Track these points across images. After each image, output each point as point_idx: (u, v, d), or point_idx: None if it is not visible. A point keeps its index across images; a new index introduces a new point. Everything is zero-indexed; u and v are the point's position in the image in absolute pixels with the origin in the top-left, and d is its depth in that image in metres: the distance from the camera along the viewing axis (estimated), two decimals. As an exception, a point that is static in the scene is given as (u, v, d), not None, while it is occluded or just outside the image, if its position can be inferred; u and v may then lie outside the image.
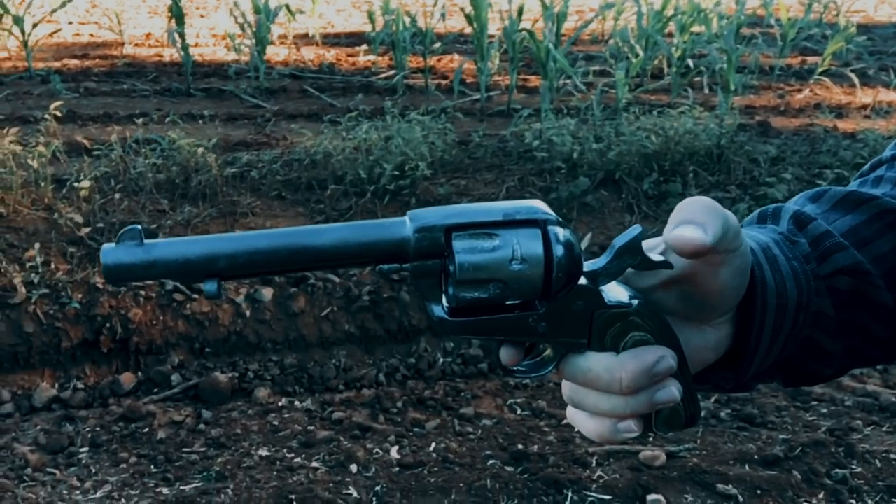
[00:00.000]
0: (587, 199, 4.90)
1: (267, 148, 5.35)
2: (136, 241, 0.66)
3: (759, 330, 0.73)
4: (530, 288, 0.69)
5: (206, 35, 9.39)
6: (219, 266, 0.66)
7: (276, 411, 3.72)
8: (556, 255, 0.69)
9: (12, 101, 6.46)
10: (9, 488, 3.10)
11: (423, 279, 0.69)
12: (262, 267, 0.68)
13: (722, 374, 0.79)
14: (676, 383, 0.72)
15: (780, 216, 0.80)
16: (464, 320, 0.70)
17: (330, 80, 7.34)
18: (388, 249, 0.68)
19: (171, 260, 0.66)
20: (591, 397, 0.72)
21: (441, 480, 3.15)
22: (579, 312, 0.71)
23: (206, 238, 0.67)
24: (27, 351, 3.93)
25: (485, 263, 0.68)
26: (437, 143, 5.01)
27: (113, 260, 0.65)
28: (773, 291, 0.73)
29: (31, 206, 4.28)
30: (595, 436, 0.73)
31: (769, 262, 0.74)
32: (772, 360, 0.77)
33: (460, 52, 8.31)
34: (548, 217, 0.70)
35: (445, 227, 0.68)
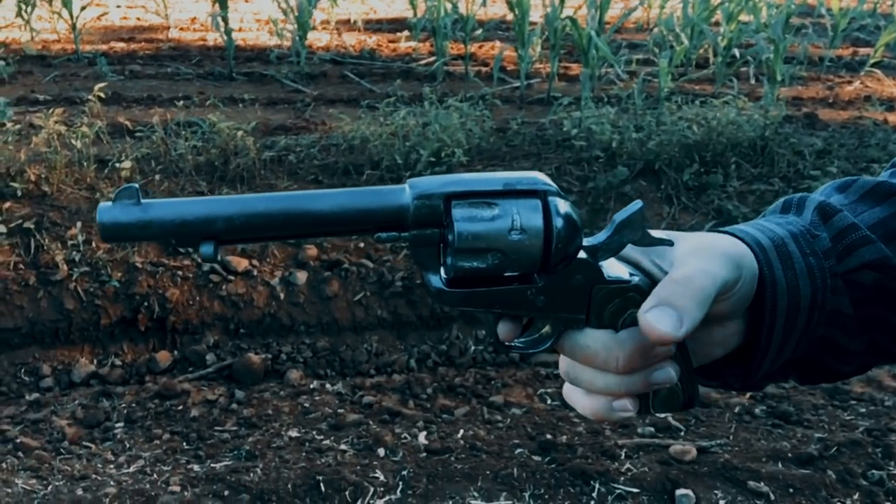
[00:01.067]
0: (625, 190, 4.84)
1: (306, 132, 5.38)
2: (134, 200, 0.66)
3: (769, 331, 0.72)
4: (529, 259, 0.68)
5: (249, 20, 9.46)
6: (215, 228, 0.66)
7: (307, 393, 3.75)
8: (556, 227, 0.68)
9: (60, 82, 6.59)
10: (46, 460, 3.19)
11: (422, 248, 0.69)
12: (259, 231, 0.68)
13: (731, 370, 0.76)
14: (674, 364, 0.71)
15: (805, 206, 0.77)
16: (462, 291, 0.69)
17: (370, 65, 7.35)
18: (386, 216, 0.68)
19: (168, 220, 0.66)
20: (588, 374, 0.71)
21: (468, 467, 3.15)
22: (578, 287, 0.70)
23: (204, 200, 0.67)
24: (67, 327, 4.03)
25: (484, 232, 0.67)
26: (475, 129, 4.99)
27: (109, 218, 0.65)
28: (784, 291, 0.71)
29: (73, 186, 4.37)
30: (590, 413, 0.72)
31: (782, 260, 0.71)
32: (784, 360, 0.75)
33: (502, 39, 8.25)
34: (548, 188, 0.69)
35: (445, 195, 0.67)
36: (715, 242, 0.71)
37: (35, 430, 3.43)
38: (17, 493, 2.94)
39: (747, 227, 0.75)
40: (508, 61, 7.32)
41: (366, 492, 2.99)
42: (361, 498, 2.98)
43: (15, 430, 3.40)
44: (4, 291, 3.99)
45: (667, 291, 0.67)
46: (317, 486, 3.00)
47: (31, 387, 3.84)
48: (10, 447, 3.27)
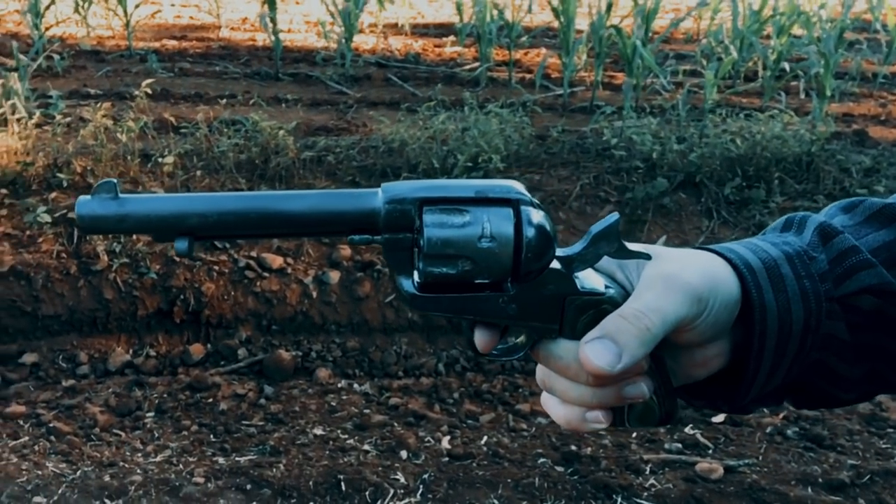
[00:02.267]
0: (664, 202, 4.78)
1: (347, 134, 5.42)
2: (111, 194, 0.67)
3: (757, 356, 0.70)
4: (499, 267, 0.68)
5: (299, 21, 9.58)
6: (189, 224, 0.67)
7: (334, 392, 3.78)
8: (527, 236, 0.67)
9: (111, 77, 6.75)
10: (77, 445, 3.26)
11: (395, 253, 0.69)
12: (233, 228, 0.69)
13: (718, 392, 0.75)
14: (647, 380, 0.70)
15: (805, 226, 0.75)
16: (433, 296, 0.69)
17: (414, 69, 7.39)
18: (358, 219, 0.68)
19: (143, 215, 0.67)
20: (561, 384, 0.71)
21: (489, 474, 3.14)
22: (550, 297, 0.70)
23: (180, 196, 0.69)
24: (105, 316, 4.12)
25: (453, 239, 0.67)
26: (513, 136, 4.98)
27: (87, 211, 0.67)
28: (775, 315, 0.69)
29: (118, 179, 4.46)
30: (563, 423, 0.72)
31: (773, 283, 0.69)
32: (776, 384, 0.73)
33: (547, 47, 8.22)
34: (521, 197, 0.69)
35: (416, 199, 0.68)
36: (685, 270, 0.69)
37: (69, 415, 3.52)
38: (46, 475, 3.01)
39: (740, 245, 0.73)
40: (553, 69, 7.29)
41: (385, 493, 3.00)
42: (381, 499, 2.99)
43: (49, 414, 3.49)
44: (47, 279, 4.09)
45: (612, 325, 0.67)
46: (338, 484, 3.02)
47: (67, 373, 3.93)
48: (43, 431, 3.35)
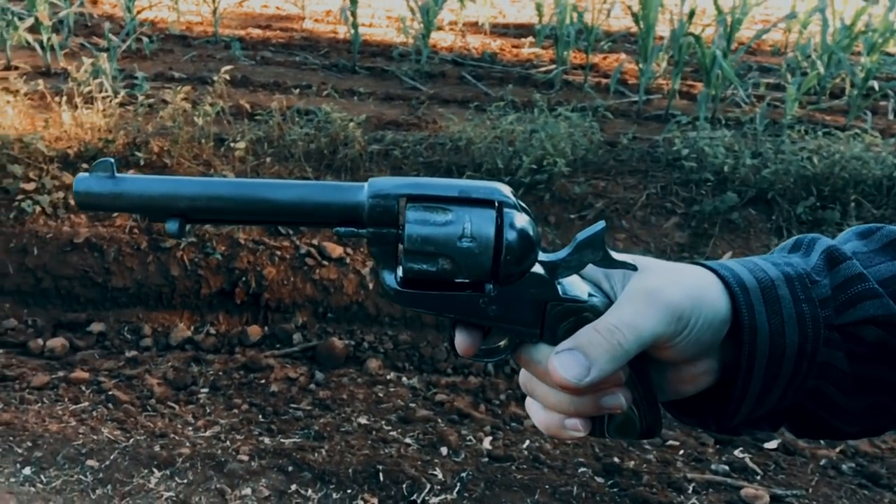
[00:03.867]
0: (732, 217, 4.66)
1: (416, 129, 5.47)
2: (108, 173, 0.70)
3: (745, 377, 0.68)
4: (478, 268, 0.68)
5: (381, 16, 9.69)
6: (179, 206, 0.70)
7: (383, 383, 3.83)
8: (507, 239, 0.68)
9: (196, 62, 6.97)
10: (133, 414, 3.39)
11: (379, 247, 0.70)
12: (221, 213, 0.71)
13: (708, 410, 0.73)
14: (625, 391, 0.69)
15: (814, 249, 0.73)
16: (414, 292, 0.70)
17: (490, 69, 7.39)
18: (342, 212, 0.70)
19: (136, 194, 0.70)
20: (541, 389, 0.71)
21: (528, 478, 3.13)
22: (531, 301, 0.70)
23: (173, 179, 0.71)
24: (171, 293, 4.27)
25: (433, 236, 0.68)
26: (581, 141, 4.93)
27: (84, 188, 0.70)
28: (766, 337, 0.67)
29: (192, 160, 4.62)
30: (543, 428, 0.72)
31: (767, 304, 0.68)
32: (769, 408, 0.71)
33: (627, 52, 8.10)
34: (505, 200, 0.69)
35: (399, 195, 0.69)
36: (668, 286, 0.67)
37: (128, 385, 3.66)
38: (101, 440, 3.14)
39: (737, 263, 0.71)
40: (630, 75, 7.18)
41: (423, 487, 3.02)
42: (418, 493, 3.01)
43: (110, 382, 3.64)
44: (118, 253, 4.26)
45: (585, 338, 0.67)
46: (376, 474, 3.06)
47: (131, 344, 4.09)
48: (102, 398, 3.50)
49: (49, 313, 4.23)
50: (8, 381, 3.63)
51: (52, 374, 3.69)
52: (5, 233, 4.28)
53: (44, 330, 4.13)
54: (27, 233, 4.28)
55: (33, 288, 4.23)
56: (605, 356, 0.65)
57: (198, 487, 2.98)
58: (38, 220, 4.34)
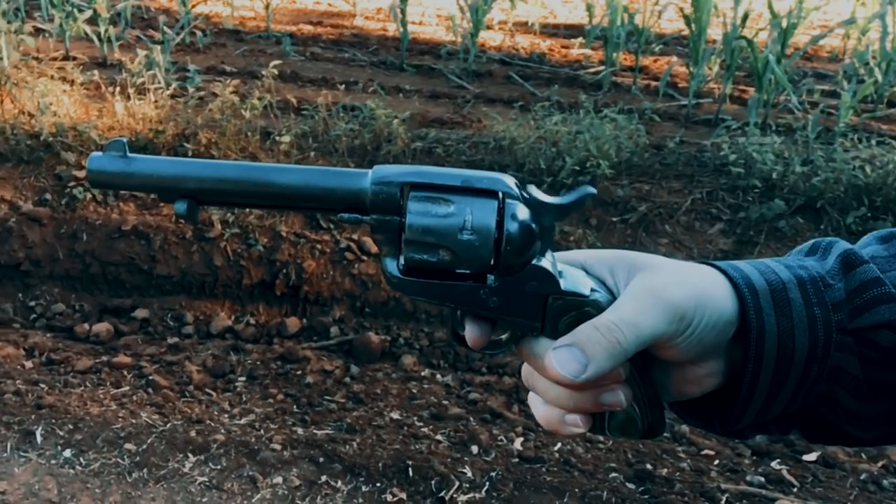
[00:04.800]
0: (779, 224, 4.56)
1: (460, 128, 5.47)
2: (121, 152, 0.72)
3: (751, 380, 0.67)
4: (478, 260, 0.68)
5: (431, 14, 9.72)
6: (188, 187, 0.71)
7: (417, 380, 3.84)
8: (508, 230, 0.67)
9: (247, 56, 7.08)
10: (171, 399, 3.46)
11: (382, 234, 0.70)
12: (228, 195, 0.72)
13: (714, 412, 0.72)
14: (626, 389, 0.69)
15: (830, 252, 0.71)
16: (415, 280, 0.70)
17: (538, 69, 7.35)
18: (346, 198, 0.70)
19: (146, 174, 0.72)
20: (542, 383, 0.71)
21: (557, 481, 3.11)
22: (532, 294, 0.69)
23: (183, 160, 0.73)
24: (213, 282, 4.34)
25: (434, 228, 0.68)
26: (627, 143, 4.88)
27: (97, 166, 0.72)
28: (774, 340, 0.66)
29: (238, 153, 4.69)
30: (544, 423, 0.72)
31: (776, 307, 0.66)
32: (778, 413, 0.69)
33: (679, 55, 7.99)
34: (508, 191, 0.68)
35: (402, 183, 0.69)
36: (672, 285, 0.67)
37: (168, 370, 3.74)
38: (139, 424, 3.22)
39: (748, 265, 0.70)
40: (681, 78, 7.08)
41: (451, 484, 3.02)
42: (446, 490, 3.01)
43: (151, 367, 3.72)
44: (164, 241, 4.36)
45: (584, 335, 0.66)
46: (405, 469, 3.07)
47: (173, 331, 4.18)
48: (143, 382, 3.58)
49: (96, 299, 4.35)
50: (54, 364, 3.74)
51: (96, 359, 3.79)
52: (57, 218, 4.41)
53: (90, 315, 4.24)
54: (77, 219, 4.40)
55: (81, 273, 4.35)
56: (603, 354, 0.65)
57: (230, 474, 3.03)
58: (89, 207, 4.46)
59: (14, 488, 2.83)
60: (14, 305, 4.27)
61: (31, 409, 3.27)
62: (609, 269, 0.71)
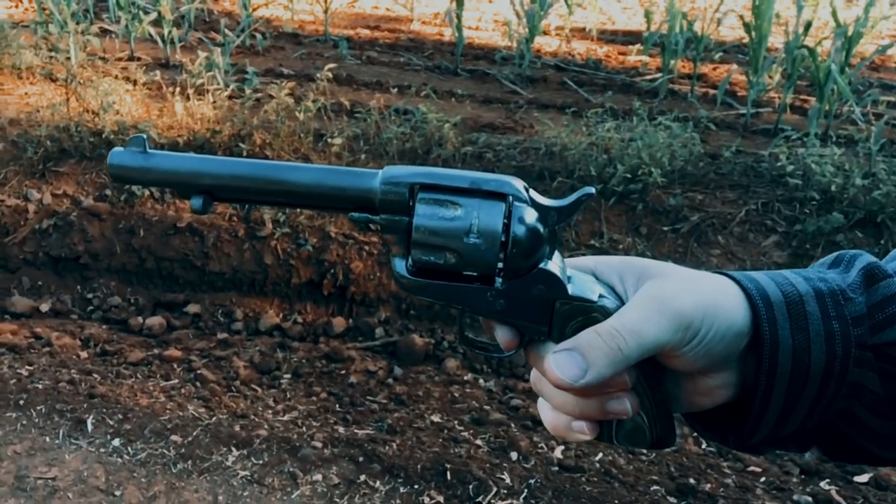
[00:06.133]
0: (837, 238, 4.43)
1: (512, 133, 5.46)
2: (140, 148, 0.74)
3: (765, 394, 0.65)
4: (484, 263, 0.68)
5: (488, 19, 9.73)
6: (204, 183, 0.73)
7: (459, 384, 3.84)
8: (515, 233, 0.67)
9: (304, 59, 7.19)
10: (218, 393, 3.53)
11: (391, 234, 0.71)
12: (243, 192, 0.74)
13: (729, 425, 0.71)
14: (632, 397, 0.67)
15: (853, 265, 0.69)
16: (422, 281, 0.71)
17: (593, 75, 7.30)
18: (355, 197, 0.71)
19: (164, 170, 0.74)
20: (549, 388, 0.70)
21: (597, 491, 3.07)
22: (539, 298, 0.69)
23: (200, 157, 0.75)
24: (263, 280, 4.42)
25: (440, 230, 0.68)
26: (681, 151, 4.80)
27: (117, 161, 0.74)
28: (789, 354, 0.64)
29: (291, 154, 4.77)
30: (551, 428, 0.71)
31: (792, 320, 0.65)
32: (794, 428, 0.67)
33: (739, 63, 7.84)
34: (516, 193, 0.68)
35: (410, 183, 0.69)
36: (680, 294, 0.65)
37: (216, 365, 3.81)
38: (186, 416, 3.29)
39: (764, 276, 0.68)
40: (740, 87, 6.94)
41: (489, 490, 3.01)
42: (484, 495, 3.00)
43: (200, 362, 3.80)
44: (217, 239, 4.45)
45: (585, 340, 0.65)
46: (444, 472, 3.08)
47: (223, 327, 4.26)
48: (191, 376, 3.66)
49: (150, 293, 4.46)
50: (107, 355, 3.85)
51: (148, 352, 3.89)
52: (116, 214, 4.54)
53: (144, 308, 4.36)
54: (135, 215, 4.53)
55: (137, 268, 4.47)
56: (603, 360, 0.64)
57: (272, 469, 3.08)
58: (146, 204, 4.58)
59: (64, 474, 2.92)
60: (73, 297, 4.42)
61: (84, 398, 3.37)
62: (619, 276, 0.70)
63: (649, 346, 0.64)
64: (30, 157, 4.79)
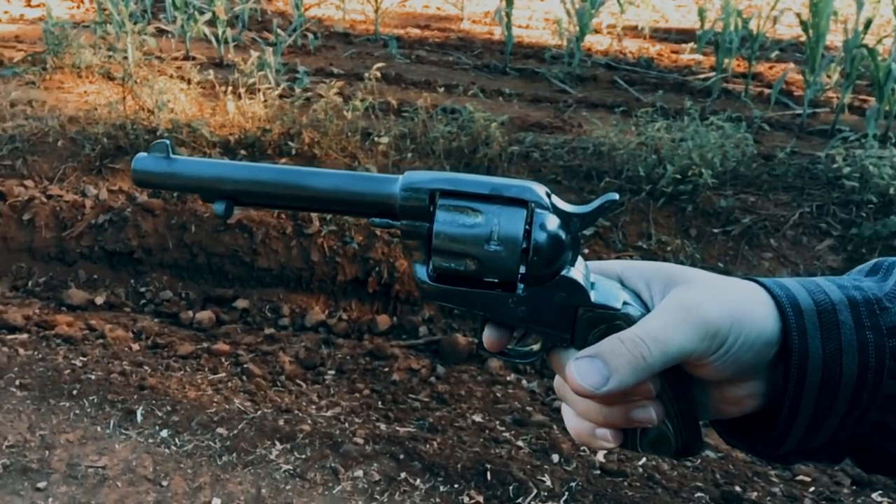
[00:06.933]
0: (894, 243, 4.29)
1: (560, 133, 5.43)
2: (164, 154, 0.75)
3: (792, 405, 0.64)
4: (505, 270, 0.68)
5: (538, 18, 9.68)
6: (226, 189, 0.74)
7: (502, 384, 3.83)
8: (536, 241, 0.67)
9: (354, 58, 7.26)
10: (263, 387, 3.59)
11: (412, 240, 0.71)
12: (264, 197, 0.74)
13: (758, 435, 0.69)
14: (658, 405, 0.66)
15: (892, 273, 0.67)
16: (443, 287, 0.70)
17: (644, 73, 7.20)
18: (376, 203, 0.71)
19: (187, 175, 0.75)
20: (571, 395, 0.69)
21: (639, 496, 3.03)
22: (561, 304, 0.68)
23: (222, 163, 0.75)
24: (310, 277, 4.47)
25: (460, 237, 0.67)
26: (733, 152, 4.71)
27: (141, 167, 0.76)
28: (819, 365, 0.62)
29: (339, 153, 4.82)
30: (574, 435, 0.71)
31: (823, 329, 0.63)
32: (825, 440, 0.66)
33: (796, 62, 7.65)
34: (539, 200, 0.67)
35: (431, 190, 0.69)
36: (707, 301, 0.64)
37: (262, 360, 3.87)
38: (232, 409, 3.35)
39: (796, 283, 0.66)
40: (797, 86, 6.77)
41: (529, 492, 3.00)
42: (524, 496, 2.99)
43: (247, 356, 3.87)
44: (266, 235, 4.52)
45: (608, 347, 0.64)
46: (484, 473, 3.07)
47: (270, 322, 4.33)
48: (238, 370, 3.73)
49: (200, 287, 4.56)
50: (158, 348, 3.94)
51: (197, 345, 3.97)
52: (168, 210, 4.65)
53: (194, 303, 4.45)
54: (187, 211, 4.62)
55: (188, 263, 4.57)
56: (626, 367, 0.63)
57: (314, 464, 3.11)
58: (198, 201, 4.67)
59: (114, 463, 3.00)
60: (126, 290, 4.53)
61: (135, 389, 3.46)
62: (645, 282, 0.69)
63: (673, 354, 0.63)
64: (87, 153, 4.93)
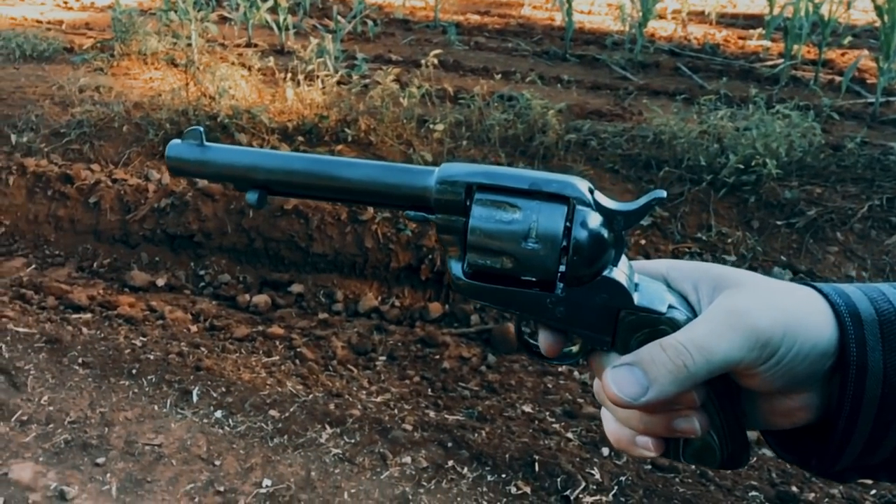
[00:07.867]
0: (972, 238, 4.09)
1: (619, 120, 5.32)
2: (198, 141, 0.74)
3: (850, 419, 0.59)
4: (543, 269, 0.65)
5: (601, 3, 9.52)
6: (259, 178, 0.73)
7: (553, 375, 3.79)
8: (576, 239, 0.63)
9: (413, 45, 7.25)
10: (315, 371, 3.63)
11: (447, 234, 0.68)
12: (297, 187, 0.73)
13: (812, 448, 0.65)
14: (702, 415, 0.63)
15: None
16: (478, 284, 0.68)
17: (709, 60, 7.01)
18: (410, 195, 0.68)
19: (220, 163, 0.74)
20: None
21: (690, 493, 2.97)
22: (602, 306, 0.65)
23: (255, 151, 0.74)
24: (363, 263, 4.50)
25: (497, 234, 0.65)
26: (799, 142, 4.54)
27: (175, 153, 0.75)
28: (879, 378, 0.58)
29: (395, 139, 4.82)
30: (614, 441, 0.68)
31: (884, 340, 0.58)
32: (884, 457, 0.61)
33: (870, 49, 7.34)
34: (579, 196, 0.64)
35: (468, 183, 0.66)
36: (758, 308, 0.59)
37: (316, 344, 3.92)
38: (284, 392, 3.40)
39: (858, 290, 0.62)
40: (870, 73, 6.51)
41: (577, 484, 2.97)
42: (572, 489, 2.96)
43: (300, 340, 3.91)
44: (321, 221, 4.56)
45: (648, 354, 0.61)
46: (532, 464, 3.05)
47: (324, 307, 4.37)
48: (291, 354, 3.78)
49: (257, 271, 4.63)
50: (215, 330, 4.02)
51: (253, 328, 4.04)
52: (227, 195, 4.73)
53: (251, 286, 4.53)
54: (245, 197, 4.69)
55: (246, 247, 4.65)
56: (667, 377, 0.59)
57: (363, 448, 3.14)
58: (254, 186, 4.74)
59: (169, 442, 3.08)
60: (186, 273, 4.64)
61: (191, 370, 3.54)
62: (693, 285, 0.65)
63: (718, 363, 0.59)
64: (151, 139, 5.05)
